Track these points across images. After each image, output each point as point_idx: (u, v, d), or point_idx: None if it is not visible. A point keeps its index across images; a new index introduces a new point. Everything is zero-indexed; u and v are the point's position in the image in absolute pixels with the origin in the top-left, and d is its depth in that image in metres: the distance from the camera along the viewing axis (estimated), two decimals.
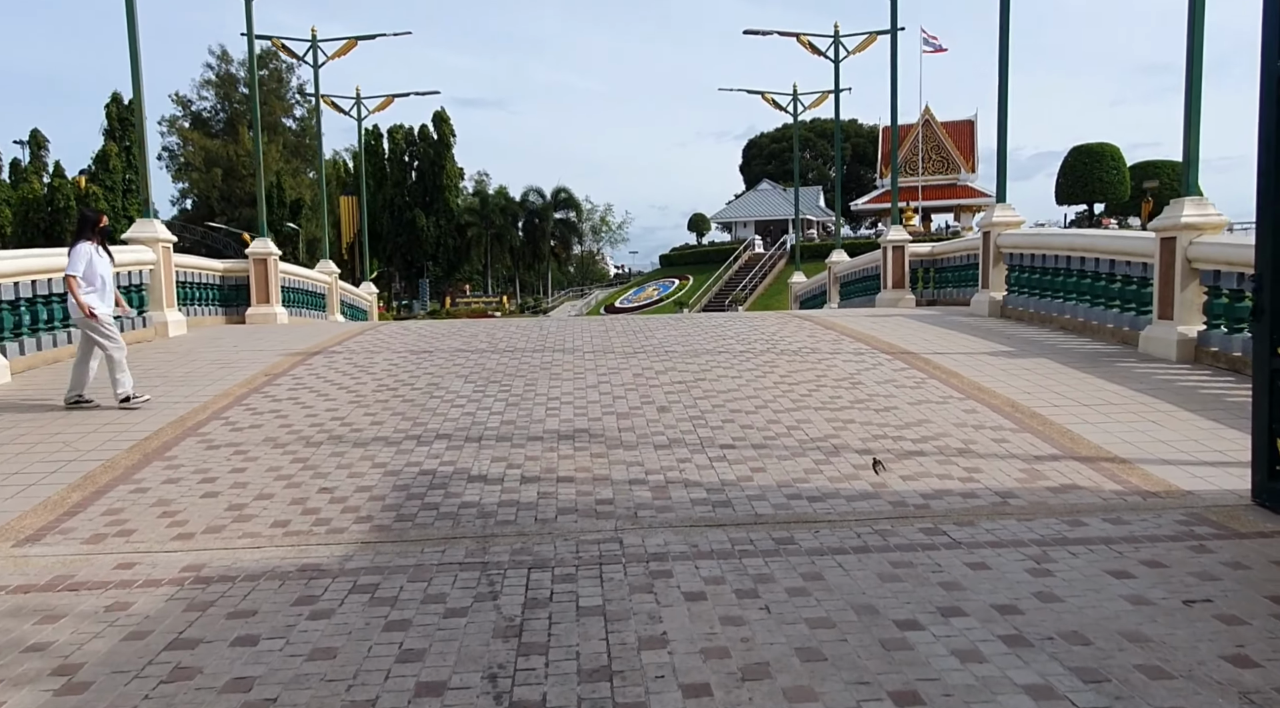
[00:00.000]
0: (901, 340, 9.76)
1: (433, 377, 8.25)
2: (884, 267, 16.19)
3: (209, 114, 79.32)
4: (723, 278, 55.76)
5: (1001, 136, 11.93)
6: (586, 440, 6.09)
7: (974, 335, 10.10)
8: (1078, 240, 9.96)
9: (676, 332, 11.06)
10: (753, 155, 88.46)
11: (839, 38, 19.57)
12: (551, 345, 10.06)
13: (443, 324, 13.01)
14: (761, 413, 6.72)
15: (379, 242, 64.54)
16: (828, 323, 11.47)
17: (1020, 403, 6.77)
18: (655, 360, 8.88)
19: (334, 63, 18.72)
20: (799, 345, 9.64)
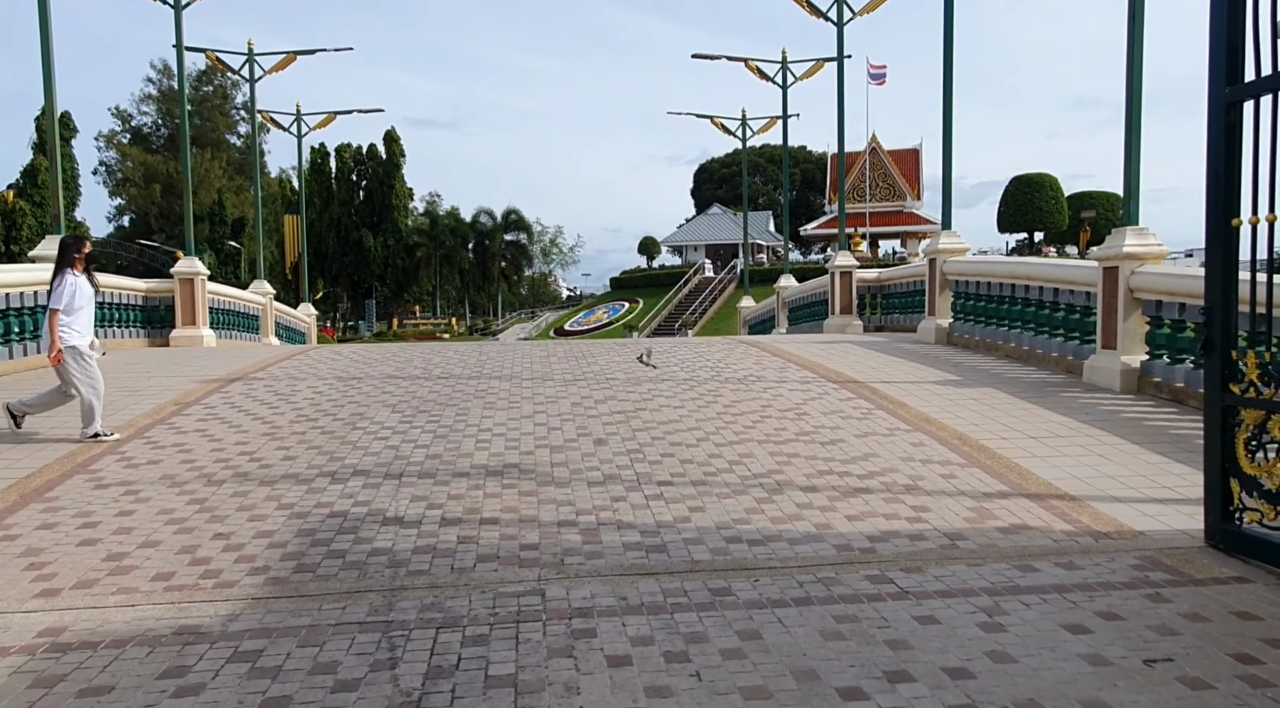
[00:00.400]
0: (849, 368, 9.58)
1: (358, 406, 7.79)
2: (832, 292, 16.13)
3: (149, 129, 77.31)
4: (673, 301, 55.79)
5: (946, 165, 11.95)
6: (516, 476, 5.71)
7: (921, 363, 9.97)
8: (1020, 268, 9.94)
9: (619, 358, 10.74)
10: (704, 180, 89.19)
11: (786, 64, 19.65)
12: (489, 372, 9.65)
13: (379, 348, 12.50)
14: (703, 446, 6.42)
15: (325, 262, 63.28)
16: (775, 349, 11.27)
17: (968, 435, 6.58)
18: (595, 388, 8.54)
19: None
20: (745, 373, 9.39)
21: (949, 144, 11.88)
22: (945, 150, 11.88)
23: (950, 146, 11.88)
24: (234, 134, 78.73)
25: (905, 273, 14.88)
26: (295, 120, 22.64)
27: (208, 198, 69.12)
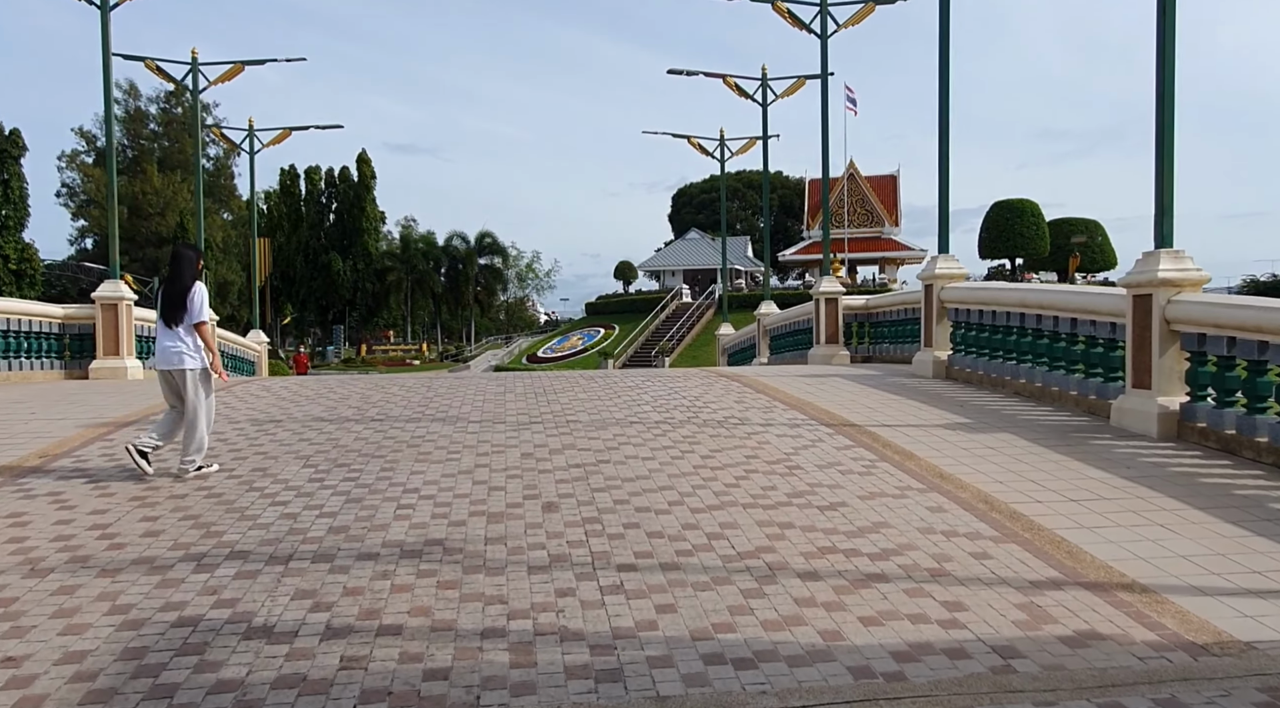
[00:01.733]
0: (842, 408, 8.46)
1: (264, 457, 6.53)
2: (816, 320, 15.08)
3: (115, 150, 75.44)
4: (649, 327, 54.74)
5: (943, 185, 10.97)
6: (438, 559, 4.49)
7: (921, 402, 8.88)
8: (1032, 296, 8.91)
9: (585, 395, 9.56)
10: (682, 205, 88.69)
11: (766, 81, 18.76)
12: (433, 413, 8.43)
13: (315, 383, 11.23)
14: (676, 512, 5.24)
15: (292, 286, 61.71)
16: (758, 385, 10.14)
17: (994, 497, 5.45)
18: (553, 434, 7.35)
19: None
20: (725, 414, 8.24)
21: (945, 163, 10.92)
22: (941, 170, 10.91)
23: (947, 166, 10.92)
24: (203, 156, 77.12)
25: (896, 300, 13.86)
26: (248, 136, 21.41)
27: (173, 220, 67.35)
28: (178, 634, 3.61)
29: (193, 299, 6.09)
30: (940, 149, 10.91)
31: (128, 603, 3.92)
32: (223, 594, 4.02)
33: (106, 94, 13.32)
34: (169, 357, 6.10)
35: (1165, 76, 7.03)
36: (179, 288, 6.10)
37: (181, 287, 6.09)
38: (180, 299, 6.08)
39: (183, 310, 6.07)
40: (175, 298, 6.09)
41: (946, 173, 10.91)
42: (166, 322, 6.10)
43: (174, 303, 6.08)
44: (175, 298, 6.09)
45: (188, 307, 6.08)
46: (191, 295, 6.10)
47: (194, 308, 6.09)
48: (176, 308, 6.07)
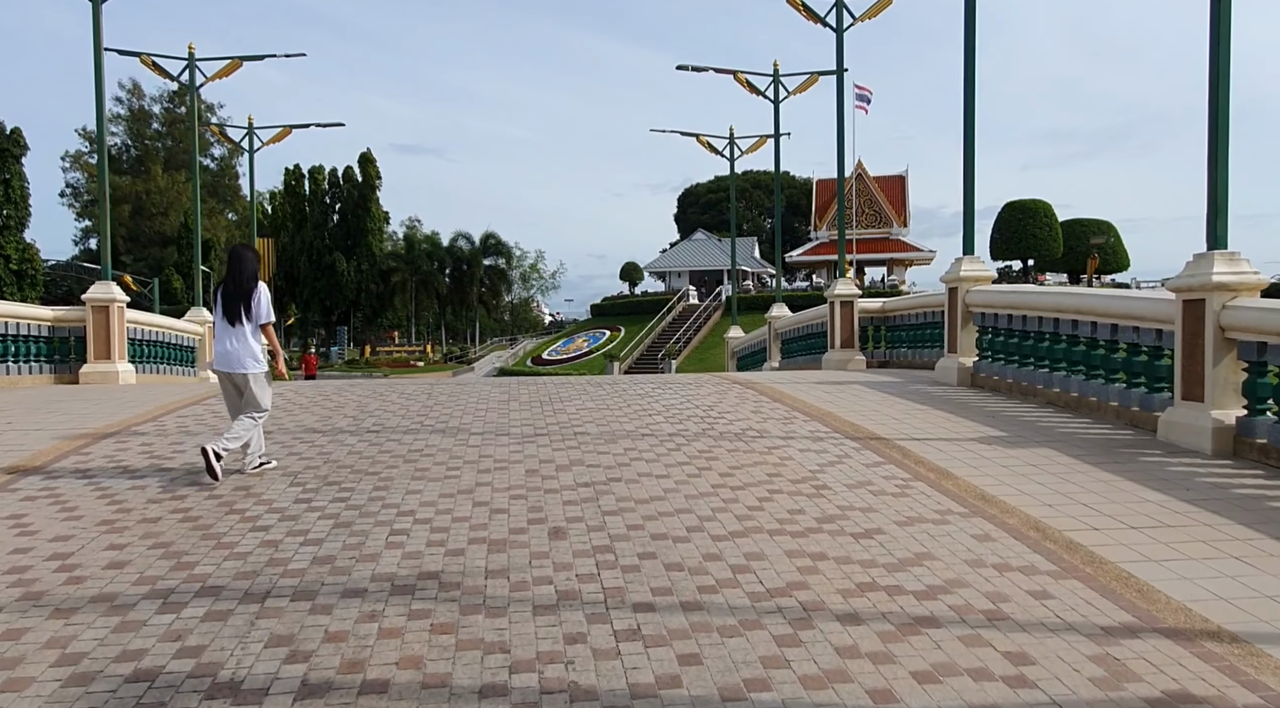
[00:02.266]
0: (866, 419, 7.97)
1: (250, 474, 6.06)
2: (831, 323, 14.58)
3: (118, 150, 75.28)
4: (656, 329, 54.28)
5: (968, 184, 10.47)
6: (433, 595, 4.02)
7: (949, 413, 8.38)
8: (1068, 300, 8.40)
9: (594, 403, 9.08)
10: (688, 205, 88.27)
11: (778, 77, 18.26)
12: (433, 423, 7.96)
13: (313, 389, 10.78)
14: (696, 540, 4.76)
15: (296, 286, 61.41)
16: (775, 392, 9.65)
17: (1046, 524, 4.96)
18: (560, 448, 6.88)
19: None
20: (743, 426, 7.76)
21: (970, 162, 10.42)
22: (967, 169, 10.42)
23: (972, 165, 10.42)
24: (208, 156, 76.95)
25: (915, 303, 13.36)
26: (247, 133, 20.98)
27: (176, 220, 67.12)
28: (131, 693, 3.14)
29: (259, 300, 6.05)
30: (965, 147, 10.42)
31: (79, 651, 3.45)
32: (188, 640, 3.55)
33: (98, 88, 12.91)
34: (231, 359, 6.03)
35: (1219, 68, 6.53)
36: (244, 288, 6.01)
37: (247, 287, 6.01)
38: (246, 299, 6.00)
39: (247, 311, 6.00)
40: (240, 298, 5.99)
41: (972, 172, 10.42)
42: (230, 322, 6.01)
43: (238, 303, 5.99)
44: (240, 298, 5.99)
45: (253, 307, 6.02)
46: (258, 296, 6.05)
47: (261, 309, 6.06)
48: (241, 308, 5.99)
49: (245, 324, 6.00)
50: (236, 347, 5.99)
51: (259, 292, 6.06)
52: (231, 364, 6.02)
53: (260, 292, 6.07)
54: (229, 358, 6.02)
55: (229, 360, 6.02)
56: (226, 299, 6.01)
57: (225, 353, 6.03)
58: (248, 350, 6.01)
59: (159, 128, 74.37)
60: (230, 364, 6.03)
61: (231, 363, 6.02)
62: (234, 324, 6.00)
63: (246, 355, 6.01)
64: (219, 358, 6.08)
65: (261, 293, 6.07)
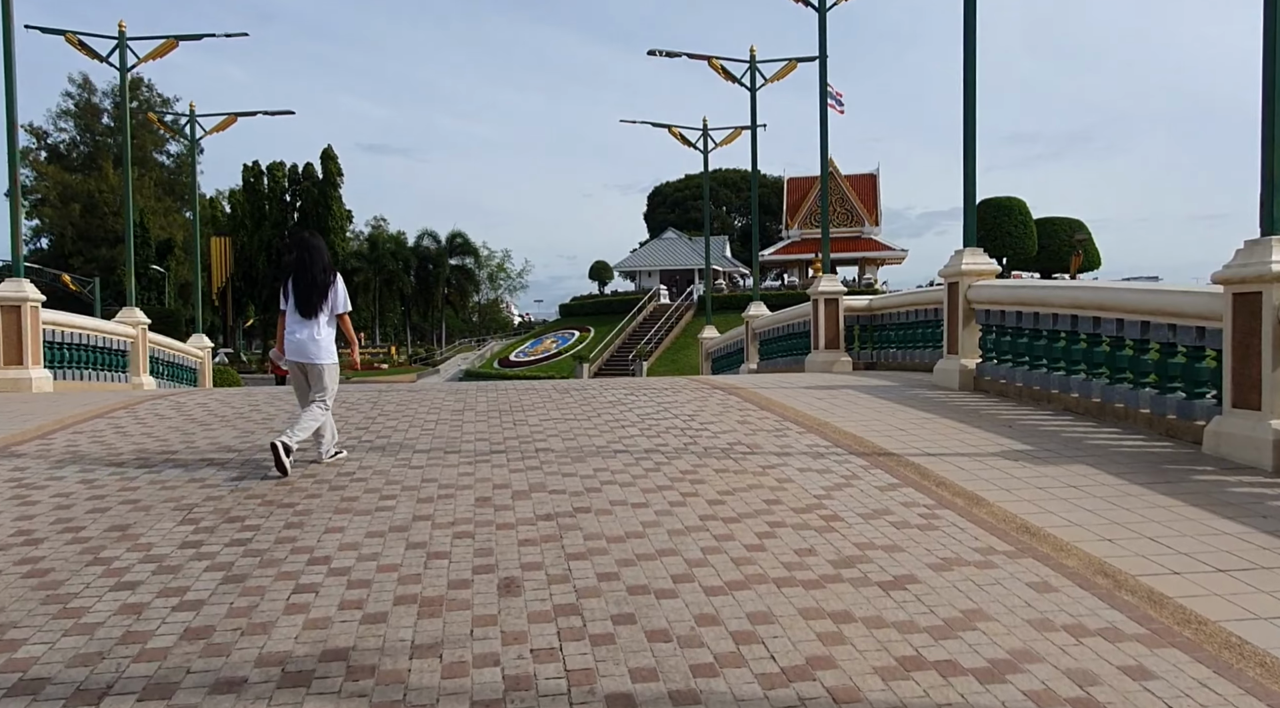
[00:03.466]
0: (868, 431, 7.04)
1: (135, 507, 4.97)
2: (815, 323, 13.68)
3: (68, 147, 72.64)
4: (626, 330, 53.29)
5: (969, 173, 9.60)
6: (336, 689, 2.98)
7: (960, 422, 7.47)
8: (1088, 295, 7.54)
9: (559, 413, 8.06)
10: (658, 204, 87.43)
11: (755, 63, 17.34)
12: (373, 439, 6.90)
13: (243, 398, 9.62)
14: (685, 593, 3.76)
15: (255, 286, 59.49)
16: (761, 399, 8.70)
17: (1114, 567, 4.03)
18: (518, 469, 5.85)
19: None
20: (730, 439, 6.78)
21: (971, 151, 9.56)
22: (967, 158, 9.55)
23: (973, 154, 9.57)
24: (163, 153, 74.58)
25: (905, 300, 12.50)
26: (188, 122, 19.59)
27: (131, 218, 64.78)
28: None
29: (337, 290, 6.00)
30: (965, 137, 9.56)
31: None
32: None
33: (7, 67, 11.58)
34: (306, 350, 5.92)
35: (1276, 47, 5.67)
36: (321, 279, 5.92)
37: (324, 278, 5.94)
38: (323, 290, 5.92)
39: (324, 301, 5.93)
40: (316, 288, 5.90)
41: (973, 160, 9.56)
42: (304, 313, 5.91)
43: (313, 293, 5.90)
44: (316, 288, 5.90)
45: (329, 298, 5.96)
46: (336, 286, 6.00)
47: (339, 299, 6.02)
48: (318, 298, 5.90)
49: (321, 315, 5.95)
50: (312, 337, 5.91)
51: (338, 281, 6.04)
52: (308, 355, 5.93)
53: (339, 282, 6.06)
54: (304, 348, 5.92)
55: (304, 351, 5.92)
56: (299, 289, 5.89)
57: (299, 343, 5.92)
58: (323, 341, 5.96)
59: (110, 123, 71.80)
60: (306, 355, 5.93)
61: (308, 354, 5.93)
62: (310, 316, 5.91)
63: (321, 346, 5.95)
64: (293, 348, 5.95)
65: (340, 283, 6.07)
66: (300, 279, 5.90)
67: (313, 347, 5.92)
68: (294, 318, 5.95)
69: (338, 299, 6.03)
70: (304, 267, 5.91)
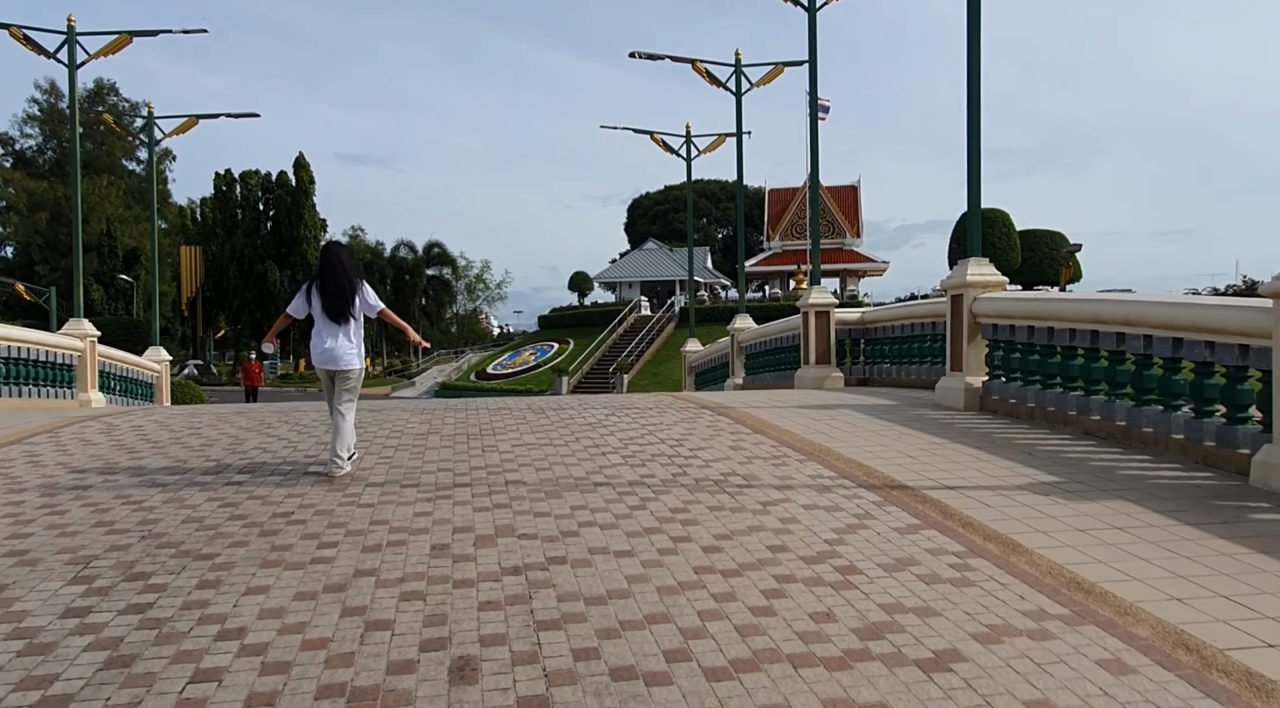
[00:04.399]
0: (875, 458, 6.36)
1: (20, 561, 4.17)
2: (805, 336, 13.03)
3: (34, 153, 71.01)
4: (606, 342, 52.53)
5: (973, 180, 8.99)
6: None
7: (974, 447, 6.81)
8: (1112, 308, 6.92)
9: (534, 438, 7.32)
10: (638, 215, 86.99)
11: (741, 67, 16.75)
12: (322, 467, 6.12)
13: (185, 421, 8.79)
14: (681, 677, 3.04)
15: (225, 297, 58.18)
16: (753, 421, 8.01)
17: (1195, 638, 3.35)
18: (484, 507, 5.10)
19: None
20: (724, 468, 6.07)
21: (976, 156, 8.95)
22: (971, 164, 8.95)
23: (978, 160, 8.96)
24: (132, 159, 73.10)
25: (902, 313, 11.87)
26: (146, 124, 18.69)
27: (98, 226, 63.23)
28: None
29: (364, 294, 6.12)
30: (970, 140, 8.95)
31: None
32: None
33: None
34: (337, 356, 6.06)
35: None
36: (347, 286, 6.04)
37: (349, 285, 6.05)
38: (350, 296, 6.03)
39: (351, 306, 6.04)
40: (343, 295, 6.01)
41: (978, 166, 8.95)
42: (334, 318, 6.02)
43: (341, 299, 6.00)
44: (343, 295, 6.01)
45: (356, 303, 6.06)
46: (363, 291, 6.13)
47: (369, 301, 6.13)
48: (346, 304, 6.02)
49: (351, 322, 6.07)
50: (340, 343, 6.03)
51: (363, 287, 6.15)
52: (336, 362, 6.06)
53: (364, 286, 6.16)
54: (332, 355, 6.04)
55: (333, 358, 6.04)
56: (327, 297, 5.99)
57: (328, 350, 6.03)
58: (351, 347, 6.10)
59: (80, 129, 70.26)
60: (335, 362, 6.06)
61: (336, 360, 6.06)
62: (339, 322, 6.02)
63: (349, 352, 6.09)
64: (321, 356, 6.06)
65: (365, 287, 6.17)
66: (328, 286, 5.99)
67: (342, 353, 6.05)
68: (323, 325, 6.03)
69: (366, 302, 6.13)
70: (331, 274, 6.01)
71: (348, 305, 6.02)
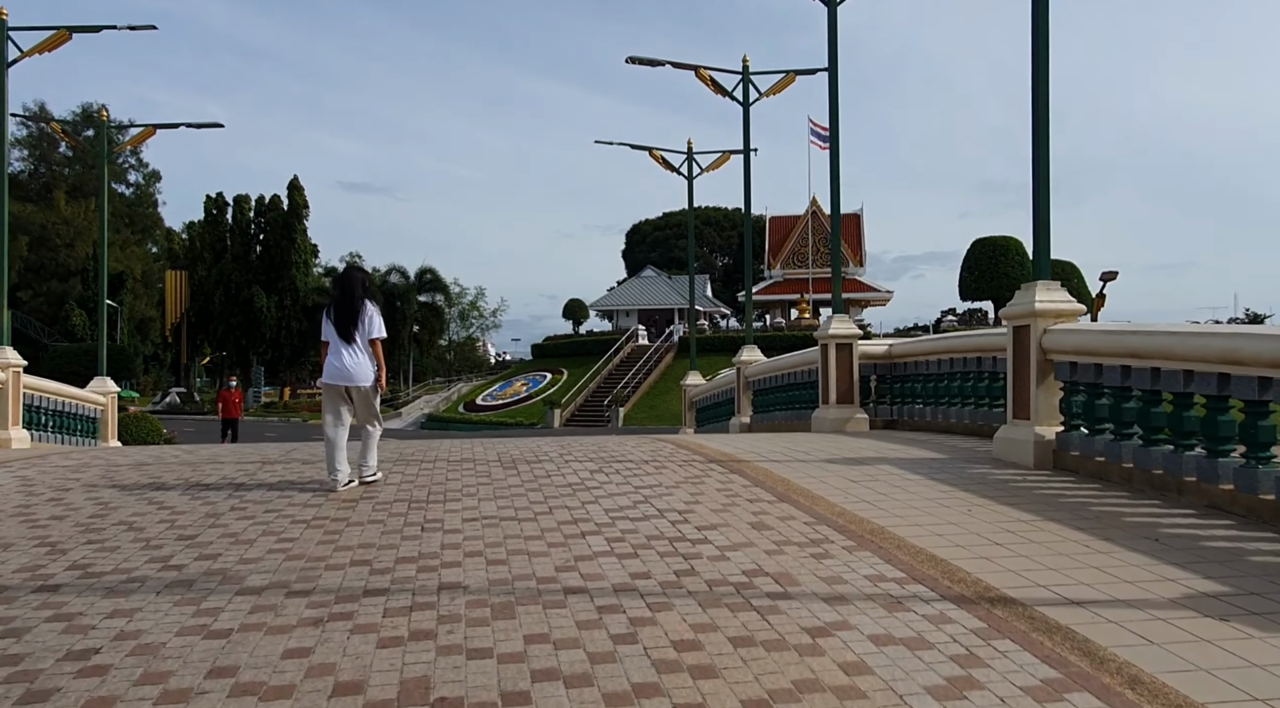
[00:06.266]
0: (949, 545, 4.68)
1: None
2: (825, 372, 11.38)
3: (22, 176, 69.68)
4: (602, 372, 50.86)
5: (1042, 188, 7.42)
6: None
7: (1075, 527, 5.13)
8: (1254, 344, 5.27)
9: (494, 508, 5.65)
10: (636, 242, 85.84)
11: (749, 75, 15.28)
12: (187, 561, 4.43)
13: (71, 470, 7.09)
14: None
15: (211, 322, 56.54)
16: (776, 481, 6.34)
17: None
18: (394, 640, 3.41)
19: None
20: (746, 563, 4.38)
21: (1045, 164, 7.39)
22: (1038, 160, 7.38)
23: (1047, 170, 7.40)
24: (121, 182, 71.81)
25: (940, 347, 10.24)
26: (99, 132, 17.17)
27: (84, 251, 61.72)
28: None
29: (371, 317, 6.44)
30: (1035, 146, 7.39)
31: None
32: None
33: None
34: (346, 374, 6.36)
35: None
36: (357, 307, 6.39)
37: (358, 306, 6.40)
38: (357, 318, 6.37)
39: (357, 328, 6.35)
40: (352, 316, 6.37)
41: (1047, 174, 7.38)
42: (345, 339, 6.37)
43: (351, 321, 6.37)
44: (352, 316, 6.37)
45: (362, 325, 6.38)
46: (368, 314, 6.43)
47: (374, 325, 6.45)
48: (353, 325, 6.36)
49: (358, 341, 6.38)
50: (352, 362, 6.37)
51: (372, 309, 6.45)
52: (347, 378, 6.37)
53: (371, 310, 6.46)
54: (344, 373, 6.36)
55: (344, 375, 6.36)
56: (341, 317, 6.37)
57: (340, 368, 6.35)
58: (362, 365, 6.41)
59: (65, 152, 69.09)
60: (346, 378, 6.37)
61: (347, 377, 6.37)
62: (348, 341, 6.36)
63: (360, 370, 6.40)
64: (333, 373, 6.37)
65: (373, 311, 6.46)
66: (339, 309, 6.39)
67: (351, 370, 6.37)
68: (334, 344, 6.38)
69: (372, 325, 6.43)
70: (343, 297, 6.42)
71: (354, 327, 6.34)
